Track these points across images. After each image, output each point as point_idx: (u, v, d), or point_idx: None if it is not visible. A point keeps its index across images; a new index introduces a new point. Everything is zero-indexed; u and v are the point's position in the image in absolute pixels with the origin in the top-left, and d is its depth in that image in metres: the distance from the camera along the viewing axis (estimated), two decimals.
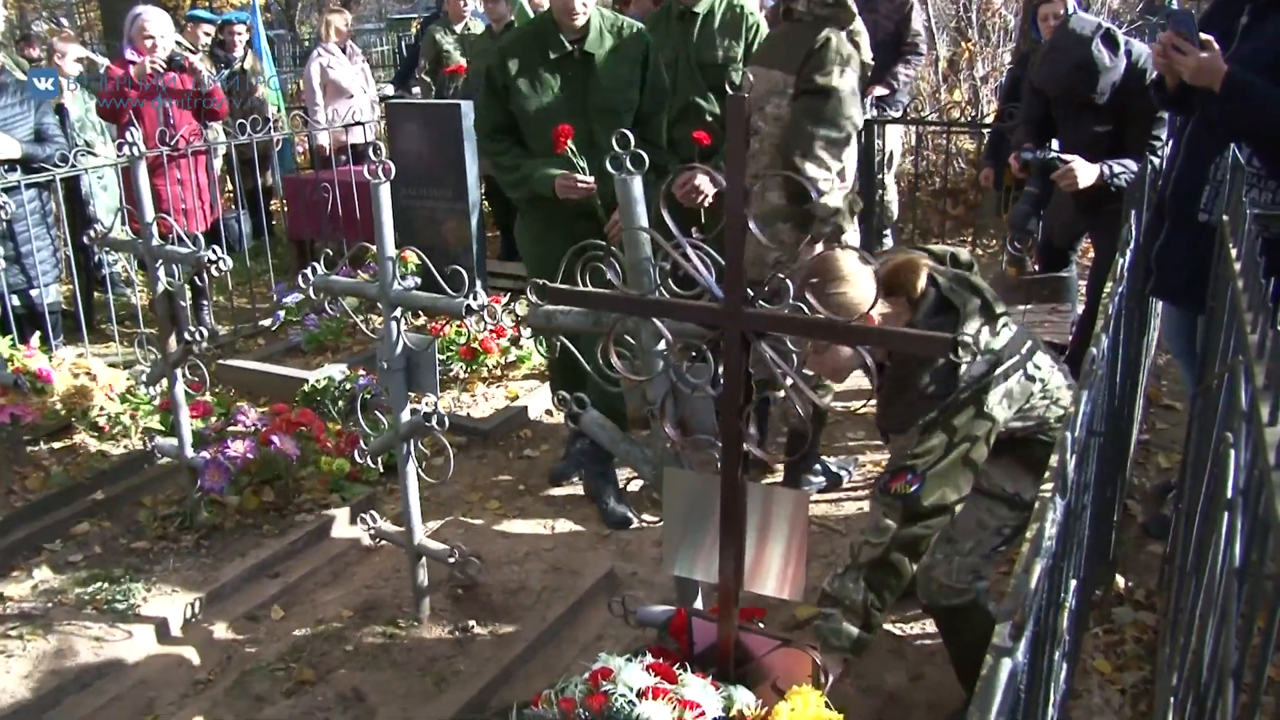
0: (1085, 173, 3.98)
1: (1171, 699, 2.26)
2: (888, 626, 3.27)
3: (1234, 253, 2.33)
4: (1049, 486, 1.33)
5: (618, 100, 3.80)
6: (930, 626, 3.25)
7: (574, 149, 3.65)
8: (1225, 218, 2.86)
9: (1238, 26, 3.11)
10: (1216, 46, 2.95)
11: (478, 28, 8.06)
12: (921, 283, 2.44)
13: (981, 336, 2.36)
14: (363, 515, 3.48)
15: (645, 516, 3.92)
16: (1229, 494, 1.65)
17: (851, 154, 3.65)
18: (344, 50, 8.31)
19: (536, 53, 3.77)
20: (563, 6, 3.69)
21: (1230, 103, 2.91)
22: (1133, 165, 4.01)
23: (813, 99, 3.50)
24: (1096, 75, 3.92)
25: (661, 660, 2.09)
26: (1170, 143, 3.82)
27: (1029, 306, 4.41)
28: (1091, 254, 5.18)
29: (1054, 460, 1.40)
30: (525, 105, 3.75)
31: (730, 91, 3.60)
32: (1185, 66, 2.98)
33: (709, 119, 4.27)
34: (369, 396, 4.78)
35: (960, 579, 2.67)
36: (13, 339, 4.70)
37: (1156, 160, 3.92)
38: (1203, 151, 3.26)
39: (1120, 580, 3.40)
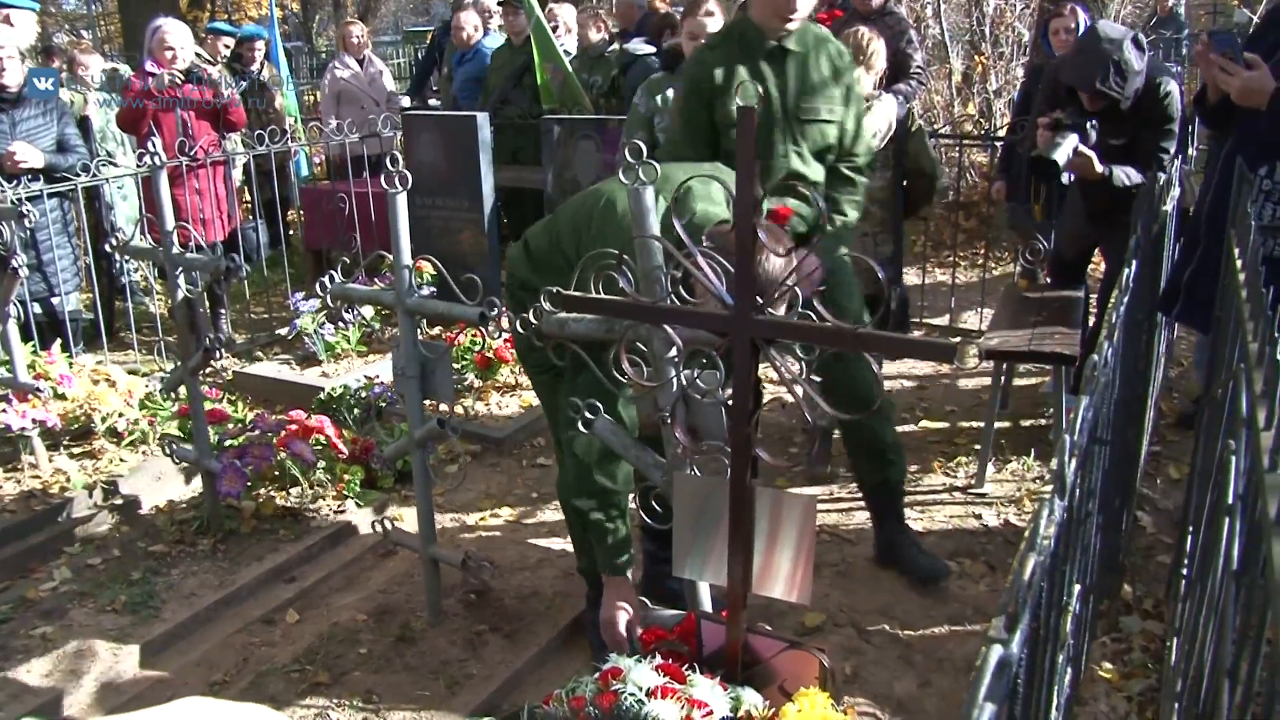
0: (1097, 166, 4.07)
1: (1176, 705, 2.28)
2: (895, 632, 3.30)
3: (1239, 263, 2.36)
4: (1049, 488, 1.36)
5: (818, 106, 3.39)
6: (938, 630, 3.28)
7: None
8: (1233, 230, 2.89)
9: None
10: (1264, 66, 2.94)
11: (497, 41, 8.14)
12: None
13: None
14: (377, 520, 3.52)
15: None
16: (1230, 499, 1.68)
17: None
18: (360, 62, 8.39)
19: (739, 56, 3.36)
20: (776, 6, 3.27)
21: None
22: (1135, 175, 4.09)
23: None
24: (1126, 76, 3.97)
25: (671, 661, 2.12)
26: (1187, 160, 3.85)
27: (1040, 316, 4.44)
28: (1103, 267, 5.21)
29: (1054, 463, 1.43)
30: (730, 109, 3.30)
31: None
32: (1231, 87, 2.97)
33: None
34: (384, 404, 4.83)
35: None
36: (34, 345, 4.77)
37: (1164, 174, 3.96)
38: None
39: (1128, 589, 3.41)
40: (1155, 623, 3.25)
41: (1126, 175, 4.14)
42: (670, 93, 4.77)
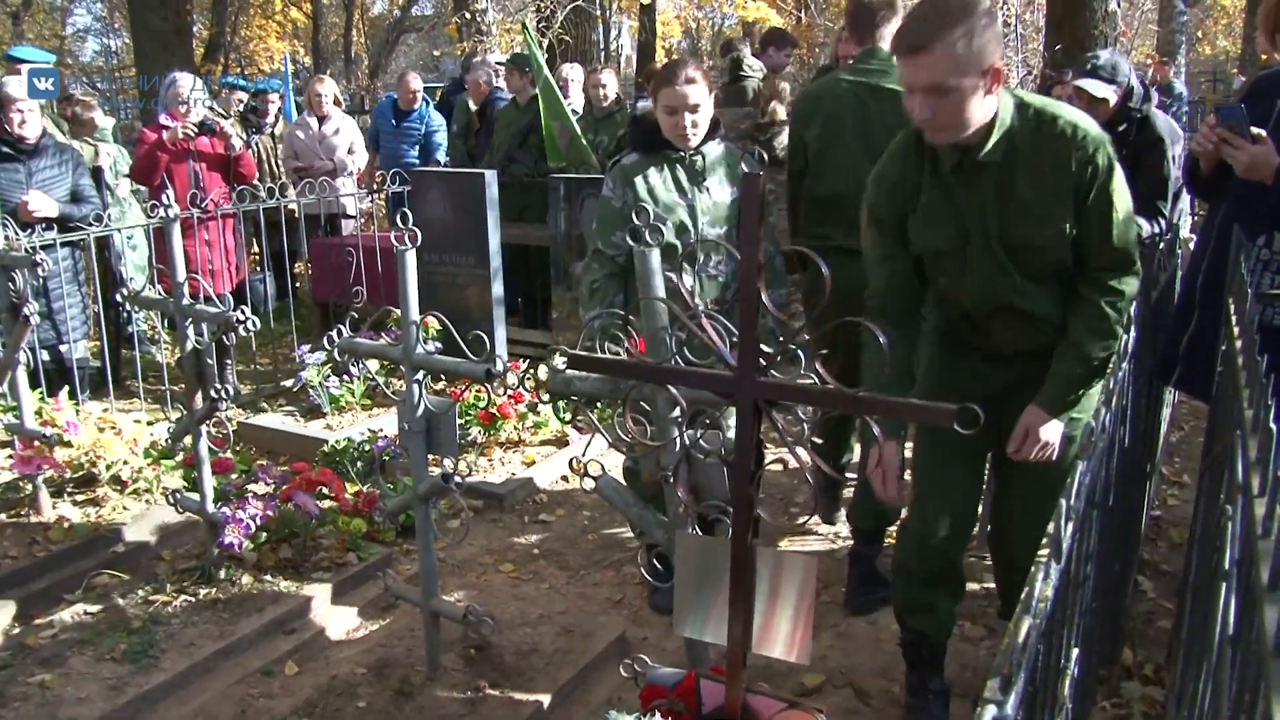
0: None
1: None
2: (894, 694, 3.29)
3: (1236, 330, 2.39)
4: (1045, 552, 1.38)
5: (1029, 230, 2.65)
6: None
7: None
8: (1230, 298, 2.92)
9: (1276, 107, 3.09)
10: (1269, 141, 2.96)
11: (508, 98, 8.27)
12: None
13: None
14: (379, 574, 3.53)
15: None
16: (1226, 565, 1.70)
17: None
18: (320, 119, 8.19)
19: (921, 168, 2.73)
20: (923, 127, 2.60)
21: None
22: (1145, 226, 4.14)
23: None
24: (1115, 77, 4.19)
25: None
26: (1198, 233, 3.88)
27: None
28: None
29: (1051, 527, 1.45)
30: (922, 238, 2.77)
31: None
32: (1237, 161, 2.98)
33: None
34: (388, 458, 4.85)
35: None
36: (42, 392, 4.80)
37: (1157, 226, 4.01)
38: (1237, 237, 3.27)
39: (1129, 654, 3.41)
40: (1156, 688, 3.24)
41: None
42: (654, 178, 3.60)
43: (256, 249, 8.20)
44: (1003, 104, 2.57)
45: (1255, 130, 2.95)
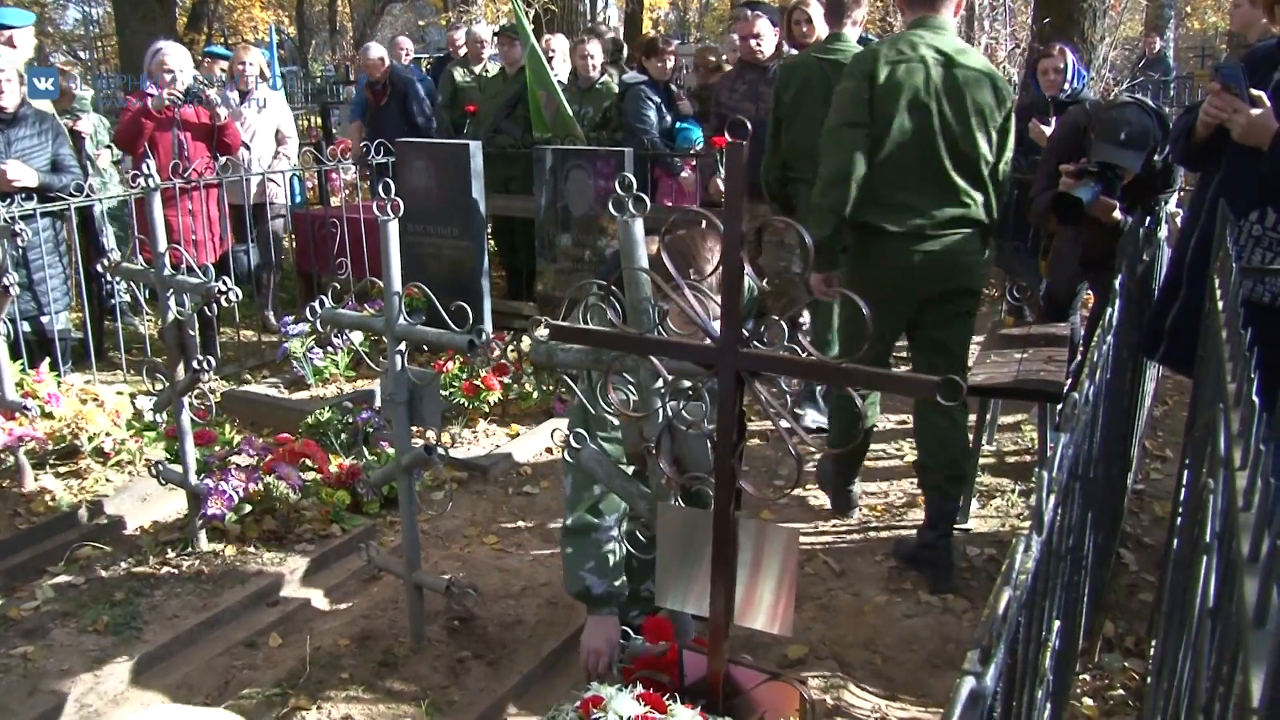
0: (1116, 213, 4.16)
1: None
2: (877, 665, 3.30)
3: (1220, 304, 2.38)
4: (1026, 525, 1.38)
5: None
6: (920, 663, 3.28)
7: None
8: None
9: (1271, 81, 3.00)
10: (1268, 102, 2.86)
11: (495, 69, 8.21)
12: None
13: None
14: (362, 545, 3.52)
15: None
16: (1208, 538, 1.70)
17: None
18: (244, 93, 7.24)
19: None
20: None
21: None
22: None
23: None
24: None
25: (652, 691, 2.13)
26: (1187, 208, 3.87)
27: (1026, 353, 4.47)
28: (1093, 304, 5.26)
29: (1033, 500, 1.45)
30: None
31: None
32: (1235, 124, 2.91)
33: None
34: (371, 430, 4.84)
35: None
36: (23, 364, 4.76)
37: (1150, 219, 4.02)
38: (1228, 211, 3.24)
39: (1110, 626, 3.43)
40: (1137, 660, 3.26)
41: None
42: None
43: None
44: None
45: (1255, 92, 2.87)
